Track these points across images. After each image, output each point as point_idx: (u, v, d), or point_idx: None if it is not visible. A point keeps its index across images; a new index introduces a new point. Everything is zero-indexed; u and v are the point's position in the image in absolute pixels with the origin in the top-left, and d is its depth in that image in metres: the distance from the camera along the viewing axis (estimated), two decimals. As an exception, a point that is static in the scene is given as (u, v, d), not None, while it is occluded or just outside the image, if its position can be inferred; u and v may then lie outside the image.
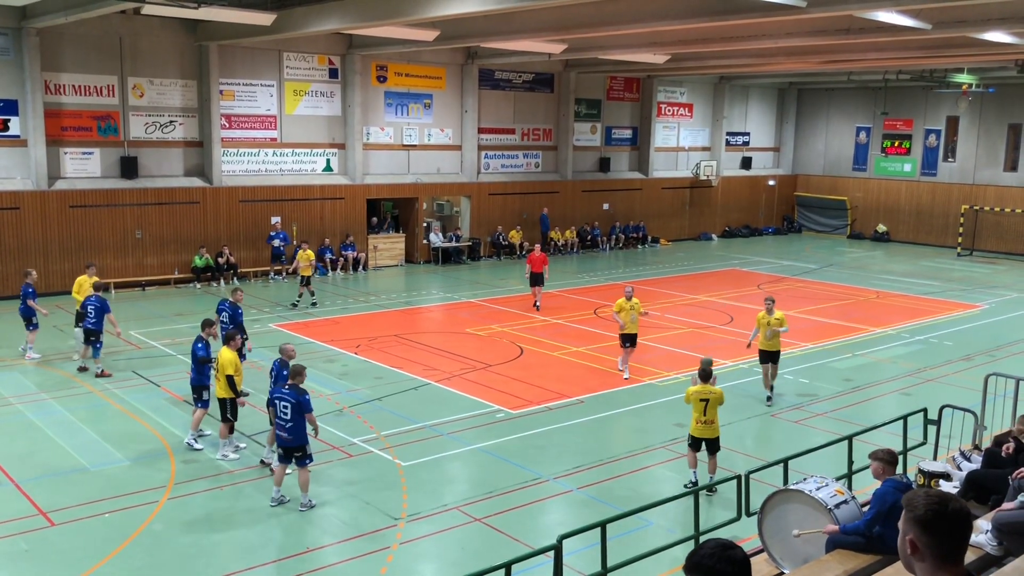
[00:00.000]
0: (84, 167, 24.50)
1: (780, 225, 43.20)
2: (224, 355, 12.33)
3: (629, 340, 16.94)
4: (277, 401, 10.82)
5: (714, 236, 40.26)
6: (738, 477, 9.35)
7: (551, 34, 21.38)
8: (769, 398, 15.66)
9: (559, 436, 13.81)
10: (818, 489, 7.79)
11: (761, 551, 8.03)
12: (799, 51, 25.71)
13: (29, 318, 17.36)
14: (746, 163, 41.90)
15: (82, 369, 16.80)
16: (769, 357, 15.58)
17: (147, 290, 24.87)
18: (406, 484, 11.73)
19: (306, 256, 23.34)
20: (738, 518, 9.29)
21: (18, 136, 23.30)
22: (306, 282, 23.27)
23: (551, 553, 7.83)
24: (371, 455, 12.79)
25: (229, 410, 12.46)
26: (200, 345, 12.97)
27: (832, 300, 25.54)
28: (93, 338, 16.42)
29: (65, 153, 24.16)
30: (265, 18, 20.55)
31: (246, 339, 14.95)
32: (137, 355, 18.02)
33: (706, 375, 11.38)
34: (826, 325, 22.14)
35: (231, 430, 12.64)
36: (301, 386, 10.89)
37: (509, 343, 19.60)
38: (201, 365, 12.90)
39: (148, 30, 24.77)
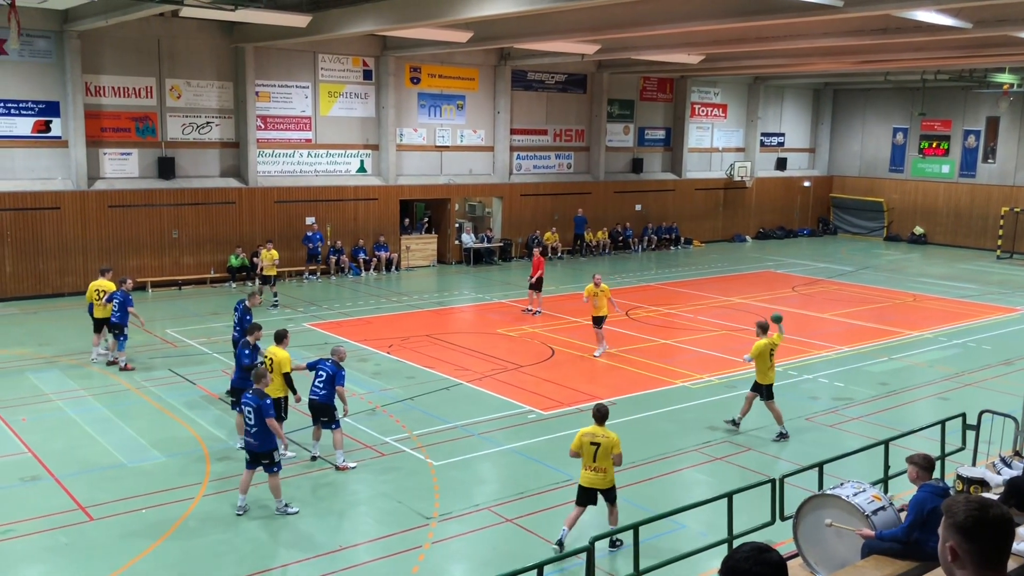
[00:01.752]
0: (123, 168, 24.87)
1: (815, 227, 42.77)
2: (279, 354, 12.41)
3: (597, 322, 18.41)
4: (243, 407, 10.71)
5: (748, 238, 39.95)
6: (772, 481, 9.28)
7: (584, 35, 21.35)
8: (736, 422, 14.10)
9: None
10: (855, 494, 7.71)
11: (796, 556, 7.95)
12: (835, 51, 25.45)
13: (122, 327, 16.87)
14: (781, 164, 41.53)
15: (111, 363, 17.08)
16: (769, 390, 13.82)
17: (183, 289, 25.17)
18: (438, 484, 11.77)
19: (270, 256, 23.54)
20: (772, 522, 9.21)
21: (59, 137, 23.70)
22: (271, 282, 23.48)
23: (583, 555, 7.82)
24: (403, 454, 12.85)
25: (284, 409, 12.53)
26: (247, 352, 13.00)
27: (868, 303, 25.24)
28: (116, 331, 16.82)
29: (104, 154, 24.54)
30: (301, 20, 20.73)
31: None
32: (174, 353, 18.25)
33: (600, 417, 9.93)
34: (861, 328, 21.88)
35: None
36: (264, 391, 10.75)
37: (540, 344, 19.60)
38: (246, 371, 12.67)
39: (185, 32, 25.09)
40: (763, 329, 13.82)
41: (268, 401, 10.60)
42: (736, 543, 8.72)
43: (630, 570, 8.22)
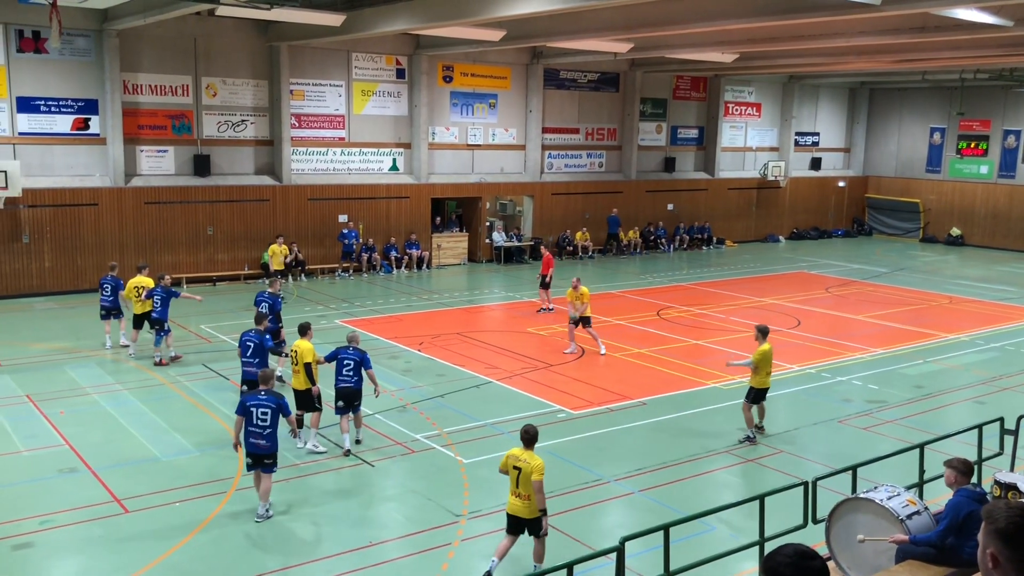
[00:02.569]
0: (159, 165, 25.19)
1: (850, 227, 42.31)
2: (303, 346, 12.66)
3: (582, 322, 18.63)
4: (255, 408, 10.40)
5: (781, 238, 39.61)
6: (805, 484, 9.19)
7: (617, 33, 21.29)
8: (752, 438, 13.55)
9: (620, 438, 13.74)
10: (889, 498, 7.61)
11: (828, 559, 7.88)
12: (871, 50, 25.16)
13: (162, 322, 17.23)
14: (815, 164, 41.13)
15: (175, 358, 17.37)
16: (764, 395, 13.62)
17: (218, 285, 25.43)
18: (467, 481, 11.80)
19: (281, 251, 23.70)
20: (804, 525, 9.12)
21: (97, 135, 24.06)
22: (282, 275, 23.74)
23: (613, 555, 7.79)
24: (433, 451, 12.89)
25: (319, 399, 12.79)
26: (268, 338, 13.59)
27: (903, 305, 24.92)
28: (158, 327, 17.16)
29: (141, 151, 24.87)
30: (335, 19, 20.87)
31: (281, 327, 16.06)
32: (207, 349, 18.45)
33: (527, 439, 9.14)
34: (896, 330, 21.61)
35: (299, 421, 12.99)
36: (276, 390, 10.72)
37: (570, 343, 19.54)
38: (267, 355, 13.47)
39: (221, 31, 25.35)
40: (763, 334, 13.52)
41: (285, 400, 10.66)
42: (768, 546, 8.65)
43: (660, 571, 8.18)
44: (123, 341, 18.37)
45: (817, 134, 41.46)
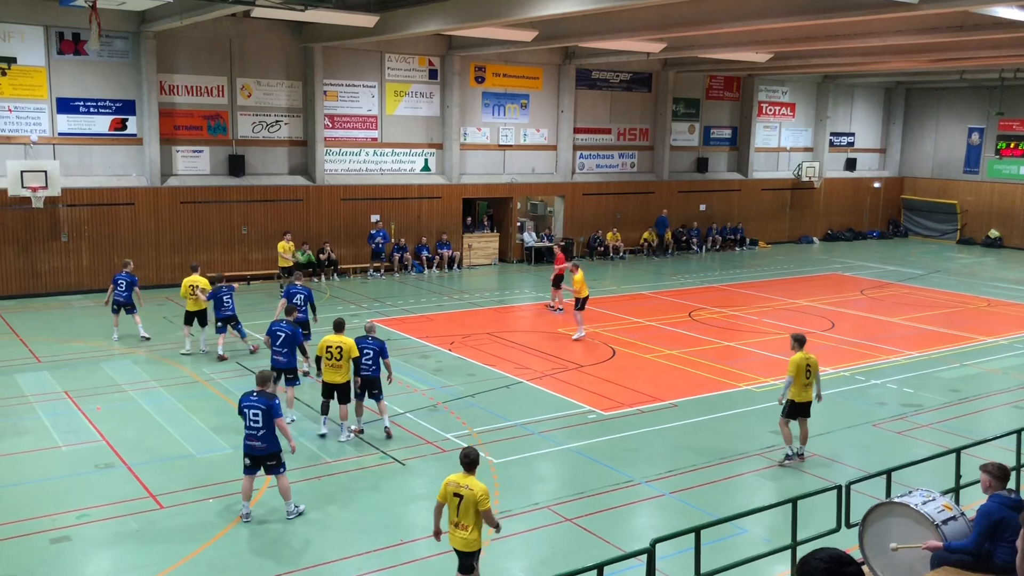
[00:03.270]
0: (194, 165, 25.49)
1: (885, 229, 41.80)
2: (347, 341, 12.96)
3: (582, 304, 19.94)
4: (247, 409, 10.37)
5: (815, 239, 39.23)
6: (838, 487, 9.10)
7: (650, 33, 21.21)
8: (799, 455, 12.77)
9: (651, 439, 13.68)
10: (924, 503, 7.51)
11: (862, 564, 7.79)
12: (908, 49, 24.84)
13: (236, 318, 17.86)
14: (850, 164, 40.70)
15: (222, 358, 17.68)
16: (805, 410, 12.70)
17: (251, 284, 25.67)
18: (498, 481, 11.81)
19: (288, 248, 23.65)
20: (837, 529, 9.03)
21: (134, 135, 24.40)
22: (288, 274, 23.52)
23: (643, 557, 7.77)
24: (464, 451, 12.91)
25: (352, 390, 13.24)
26: (300, 330, 14.11)
27: (939, 307, 24.58)
28: (234, 323, 17.79)
29: (177, 151, 25.19)
30: (368, 20, 21.00)
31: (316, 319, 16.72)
32: (241, 347, 18.62)
33: (468, 464, 8.34)
34: (932, 333, 21.32)
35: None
36: (270, 391, 10.65)
37: (601, 344, 19.53)
38: (296, 347, 13.96)
39: (256, 32, 25.61)
40: (799, 342, 12.55)
41: (277, 402, 10.51)
42: (800, 550, 8.57)
43: (691, 574, 8.14)
44: (142, 333, 18.95)
45: (852, 134, 41.01)
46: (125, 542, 9.97)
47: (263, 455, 10.40)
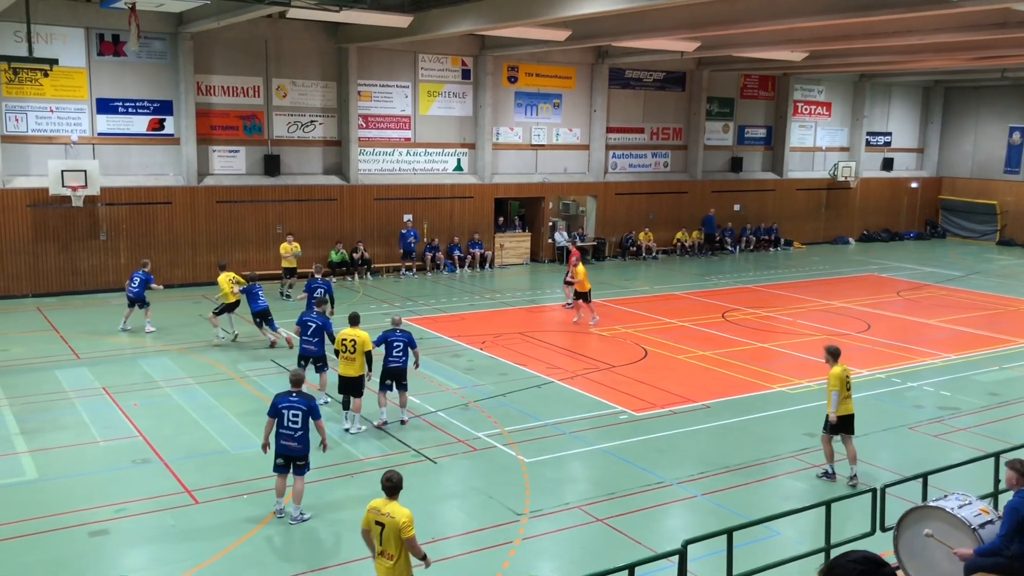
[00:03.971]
0: (230, 164, 25.78)
1: (922, 230, 41.23)
2: (361, 334, 13.21)
3: (587, 297, 21.07)
4: (286, 410, 10.41)
5: (851, 240, 38.80)
6: (873, 491, 9.01)
7: (684, 32, 21.10)
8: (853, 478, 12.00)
9: (683, 440, 13.62)
10: (961, 507, 7.42)
11: (896, 569, 7.71)
12: (948, 47, 24.48)
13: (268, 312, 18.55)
14: (887, 164, 40.19)
15: (272, 345, 18.62)
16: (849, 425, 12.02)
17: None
18: (528, 480, 11.83)
19: (291, 248, 23.71)
20: (872, 533, 8.95)
21: (172, 135, 24.73)
22: (291, 275, 23.77)
23: (675, 558, 7.75)
24: (494, 450, 12.95)
25: (364, 383, 13.44)
26: (329, 322, 14.58)
27: (977, 309, 24.20)
28: (267, 317, 18.45)
29: (213, 151, 25.49)
30: (402, 20, 21.10)
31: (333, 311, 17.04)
32: (278, 345, 18.79)
33: (391, 488, 7.78)
34: (970, 336, 21.00)
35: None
36: (308, 392, 10.72)
37: (633, 344, 19.46)
38: (325, 337, 14.45)
39: (292, 33, 25.84)
40: (833, 356, 11.93)
41: (316, 403, 10.62)
42: (834, 553, 8.50)
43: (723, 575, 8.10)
44: (148, 328, 19.60)
45: (889, 134, 40.50)
46: (161, 537, 10.12)
47: (297, 455, 10.49)
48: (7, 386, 15.56)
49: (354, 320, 13.55)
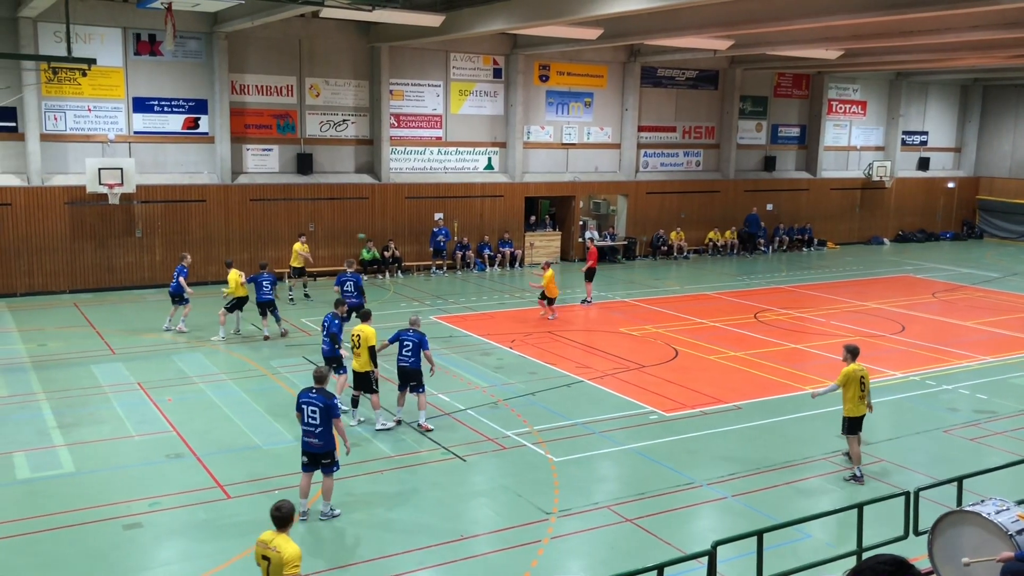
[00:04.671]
0: (264, 163, 26.02)
1: (959, 230, 40.64)
2: (366, 330, 13.32)
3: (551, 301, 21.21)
4: (305, 406, 10.45)
5: (886, 240, 38.33)
6: (906, 494, 8.90)
7: (717, 30, 20.96)
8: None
9: (714, 442, 13.53)
10: (998, 512, 7.28)
11: (930, 574, 7.60)
12: (986, 45, 24.10)
13: (274, 304, 19.06)
14: (923, 164, 39.66)
15: (283, 334, 19.11)
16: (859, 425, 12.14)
17: (318, 280, 26.05)
18: (557, 479, 11.82)
19: (302, 248, 23.58)
20: (905, 536, 8.83)
21: (207, 133, 25.01)
22: (301, 275, 23.52)
23: (704, 559, 7.70)
24: (524, 448, 12.96)
25: (376, 382, 13.48)
26: (337, 323, 14.36)
27: (1015, 312, 23.79)
28: (271, 307, 18.76)
29: (247, 150, 25.74)
30: (434, 19, 21.16)
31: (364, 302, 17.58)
32: (307, 341, 18.97)
33: (281, 520, 7.30)
34: (1007, 338, 20.66)
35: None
36: (328, 390, 10.69)
37: (664, 344, 19.38)
38: (334, 339, 14.28)
39: (325, 33, 26.02)
40: (852, 354, 12.05)
41: (335, 401, 10.50)
42: (864, 556, 8.40)
43: (752, 577, 8.04)
44: (181, 327, 19.61)
45: (926, 133, 39.96)
46: (194, 530, 10.24)
47: (320, 452, 10.49)
48: (45, 380, 15.83)
49: (364, 316, 13.73)
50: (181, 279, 19.45)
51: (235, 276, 19.10)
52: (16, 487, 11.34)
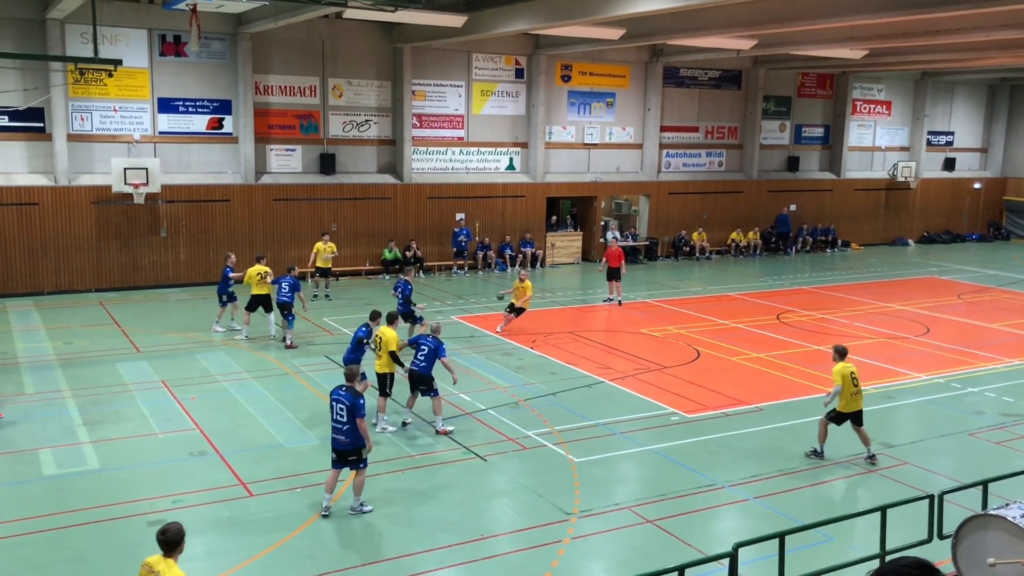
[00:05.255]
0: (287, 163, 26.18)
1: (985, 231, 40.21)
2: (387, 333, 13.45)
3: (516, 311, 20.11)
4: (334, 403, 10.58)
5: (910, 241, 38.00)
6: (931, 497, 8.83)
7: (741, 30, 20.86)
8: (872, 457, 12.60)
9: (736, 443, 13.47)
10: (1023, 516, 7.22)
11: (954, 578, 7.55)
12: (1014, 44, 23.84)
13: (291, 307, 18.57)
14: (949, 164, 39.27)
15: (290, 347, 18.50)
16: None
17: (340, 280, 26.19)
18: (578, 480, 11.81)
19: (327, 249, 23.63)
20: (929, 540, 8.77)
21: (231, 134, 25.20)
22: (327, 276, 23.66)
23: (725, 561, 7.68)
24: (544, 449, 12.96)
25: (388, 385, 13.61)
26: (363, 330, 14.25)
27: (1044, 314, 23.53)
28: (286, 312, 18.36)
29: (271, 150, 25.91)
30: (457, 20, 21.21)
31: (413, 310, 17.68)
32: (330, 341, 19.07)
33: (167, 544, 6.90)
34: (1036, 341, 20.43)
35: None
36: (357, 389, 10.71)
37: (685, 345, 19.31)
38: (358, 346, 14.16)
39: (348, 33, 26.14)
40: (840, 354, 12.48)
41: (361, 401, 10.53)
42: (888, 559, 8.34)
43: (774, 580, 8.01)
44: (234, 325, 19.74)
45: (951, 133, 39.57)
46: (217, 528, 10.32)
47: (346, 450, 10.58)
48: (71, 378, 16.01)
49: (388, 319, 13.92)
50: (231, 275, 19.39)
51: (254, 270, 18.96)
52: (43, 483, 11.48)
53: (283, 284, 18.56)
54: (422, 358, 13.46)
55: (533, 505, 11.06)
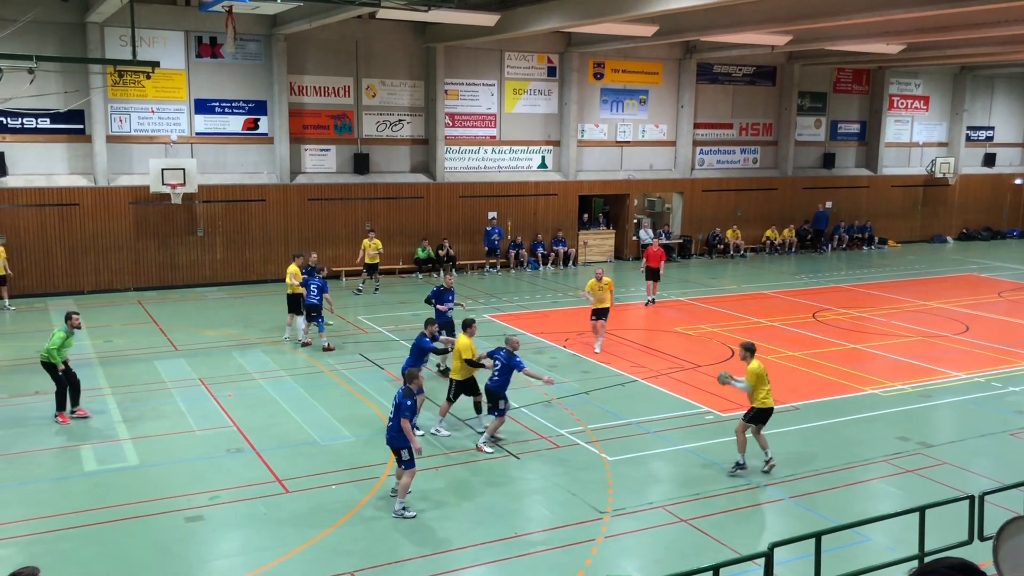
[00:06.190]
0: (321, 163, 26.39)
1: (1027, 228, 39.53)
2: (462, 340, 13.33)
3: (599, 314, 18.29)
4: (393, 401, 10.84)
5: (949, 238, 37.43)
6: (971, 498, 8.69)
7: (775, 25, 20.68)
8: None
9: (771, 442, 13.32)
10: (1066, 518, 7.08)
11: (995, 580, 7.42)
12: (1057, 37, 23.40)
13: (319, 309, 18.18)
14: (989, 160, 38.62)
15: (305, 344, 18.38)
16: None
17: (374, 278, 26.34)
18: (612, 479, 11.79)
19: (373, 245, 23.57)
20: (969, 541, 8.63)
21: (266, 134, 25.44)
22: (374, 272, 23.81)
23: (761, 561, 7.63)
24: (578, 447, 12.95)
25: (453, 391, 13.43)
26: (428, 341, 13.69)
27: (1087, 312, 23.06)
28: (315, 314, 18.13)
29: (305, 150, 26.13)
30: (489, 19, 21.25)
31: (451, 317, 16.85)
32: (364, 339, 19.19)
33: None
34: (1079, 339, 20.03)
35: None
36: (412, 389, 10.76)
37: (719, 344, 19.19)
38: (422, 356, 13.74)
39: (381, 34, 26.28)
40: (749, 351, 12.02)
41: (409, 402, 10.61)
42: (927, 560, 8.23)
43: (810, 580, 7.94)
44: (303, 338, 18.96)
45: (991, 128, 38.90)
46: (253, 524, 10.44)
47: (392, 446, 10.75)
48: (111, 376, 16.27)
49: (465, 325, 13.60)
50: (326, 295, 18.34)
51: (292, 269, 18.77)
52: (84, 479, 11.69)
53: (312, 286, 18.05)
54: (494, 374, 13.01)
55: (566, 503, 11.06)
